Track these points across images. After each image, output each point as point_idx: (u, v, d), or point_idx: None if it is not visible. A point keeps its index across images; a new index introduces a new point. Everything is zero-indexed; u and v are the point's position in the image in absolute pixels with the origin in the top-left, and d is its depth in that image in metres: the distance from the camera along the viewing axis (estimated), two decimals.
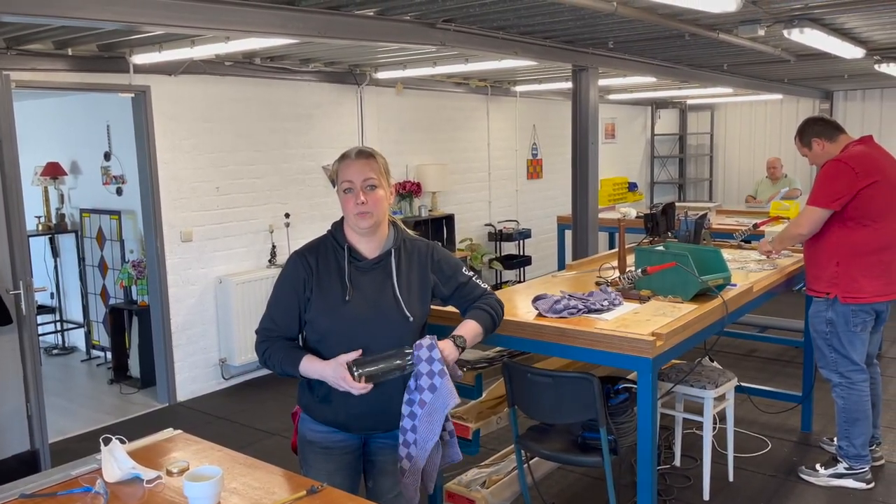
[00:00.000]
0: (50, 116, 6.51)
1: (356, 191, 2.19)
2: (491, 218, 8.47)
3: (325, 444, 2.28)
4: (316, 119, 6.35)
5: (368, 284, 2.25)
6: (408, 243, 2.36)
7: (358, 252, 2.28)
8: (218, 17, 3.31)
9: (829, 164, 3.69)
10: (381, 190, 2.23)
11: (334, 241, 2.31)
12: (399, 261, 2.30)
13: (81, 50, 4.72)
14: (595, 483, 3.88)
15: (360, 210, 2.19)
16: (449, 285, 2.39)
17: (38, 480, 1.90)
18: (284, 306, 2.27)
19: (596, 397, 2.77)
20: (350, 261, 2.26)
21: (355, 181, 2.20)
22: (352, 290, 2.22)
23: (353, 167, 2.21)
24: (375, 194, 2.21)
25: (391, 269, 2.28)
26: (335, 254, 2.28)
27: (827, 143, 3.79)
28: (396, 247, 2.31)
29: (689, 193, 12.10)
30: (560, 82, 7.78)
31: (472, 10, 3.98)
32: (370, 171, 2.21)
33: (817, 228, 3.69)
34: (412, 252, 2.35)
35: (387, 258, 2.29)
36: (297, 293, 2.25)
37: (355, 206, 2.20)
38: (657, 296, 3.21)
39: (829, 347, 3.75)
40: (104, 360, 6.40)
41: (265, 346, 2.25)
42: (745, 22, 4.46)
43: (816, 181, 3.75)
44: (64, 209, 6.55)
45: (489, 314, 2.38)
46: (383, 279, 2.27)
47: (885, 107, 10.19)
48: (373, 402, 2.17)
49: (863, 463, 3.77)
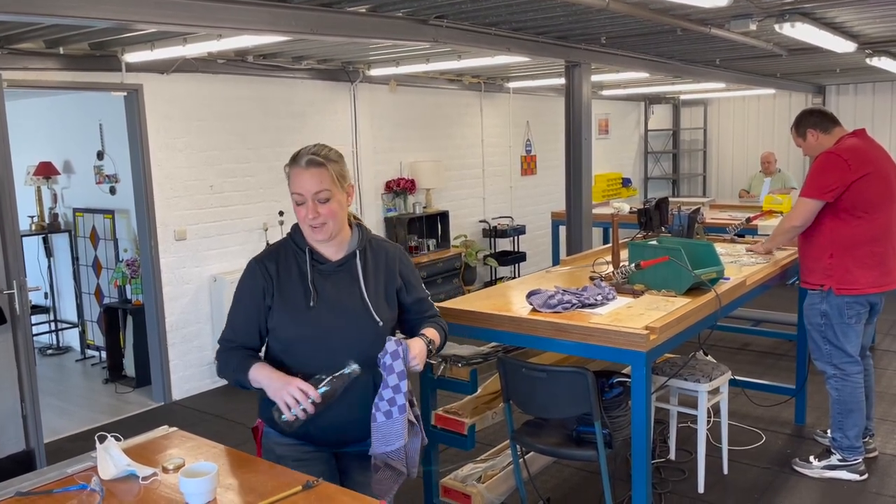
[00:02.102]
0: (42, 116, 6.49)
1: (307, 205, 2.08)
2: (485, 214, 8.48)
3: (297, 457, 2.15)
4: (309, 117, 6.34)
5: (333, 288, 2.15)
6: (374, 244, 2.26)
7: (320, 255, 2.18)
8: (209, 15, 3.30)
9: (822, 156, 3.71)
10: (336, 200, 2.11)
11: (294, 244, 2.19)
12: (365, 262, 2.20)
13: (73, 49, 4.70)
14: (590, 477, 3.90)
15: (313, 223, 2.10)
16: (412, 294, 2.30)
17: (34, 478, 1.91)
18: (243, 316, 2.17)
19: (590, 391, 2.78)
20: (312, 264, 2.16)
21: (306, 194, 2.08)
22: (315, 295, 2.12)
23: (303, 178, 2.08)
24: (329, 207, 2.09)
25: (357, 272, 2.18)
26: (296, 258, 2.17)
27: (822, 134, 3.81)
28: (361, 248, 2.21)
29: (683, 188, 12.12)
30: (553, 78, 7.78)
31: (465, 6, 3.98)
32: (321, 184, 2.08)
33: (811, 220, 3.70)
34: (378, 253, 2.25)
35: (351, 260, 2.19)
36: (255, 302, 2.15)
37: (306, 219, 2.10)
38: (651, 290, 3.23)
39: (824, 339, 3.77)
40: (99, 360, 6.39)
41: (222, 355, 2.17)
42: (736, 17, 4.47)
43: (809, 173, 3.77)
44: (57, 209, 6.53)
45: (442, 334, 2.32)
46: (349, 282, 2.17)
47: (876, 100, 10.23)
48: (341, 412, 2.10)
49: (856, 454, 3.79)
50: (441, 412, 3.18)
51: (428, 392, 3.18)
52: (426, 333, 2.22)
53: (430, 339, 2.20)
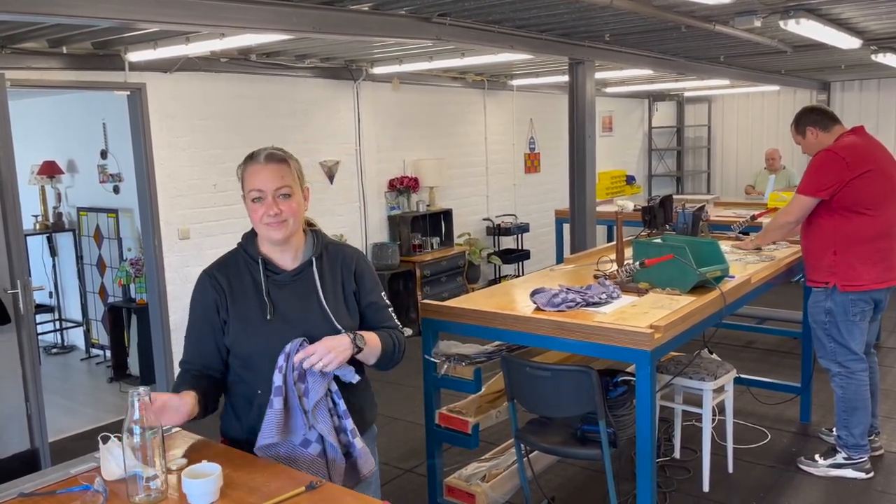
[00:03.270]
0: (46, 115, 6.50)
1: (267, 200, 2.00)
2: (489, 212, 8.47)
3: None
4: (312, 115, 6.33)
5: (289, 298, 2.05)
6: (330, 249, 2.15)
7: (274, 264, 2.08)
8: (212, 14, 3.30)
9: (821, 154, 3.71)
10: (295, 198, 2.03)
11: (246, 254, 2.10)
12: (322, 270, 2.09)
13: (76, 48, 4.70)
14: (595, 476, 3.89)
15: (272, 220, 2.00)
16: (364, 300, 2.15)
17: (37, 479, 1.90)
18: (198, 334, 2.07)
19: (595, 390, 2.77)
20: (266, 275, 2.06)
21: (266, 190, 2.00)
22: (272, 308, 2.02)
23: (263, 174, 2.01)
24: (290, 203, 2.02)
25: (314, 280, 2.07)
26: (248, 268, 2.07)
27: (821, 132, 3.80)
28: (318, 254, 2.10)
29: (687, 186, 12.09)
30: (557, 76, 7.77)
31: (467, 3, 3.97)
32: (283, 179, 2.01)
33: (804, 216, 3.73)
34: (335, 258, 2.14)
35: (307, 268, 2.08)
36: (209, 318, 2.05)
37: (266, 215, 2.00)
38: (655, 288, 3.22)
39: (829, 337, 3.75)
40: (103, 359, 6.40)
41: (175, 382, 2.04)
42: (740, 13, 4.46)
43: (807, 171, 3.78)
44: (61, 208, 6.54)
45: (392, 342, 2.12)
46: (306, 291, 2.06)
47: (882, 97, 10.18)
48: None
49: (862, 452, 3.78)
50: (445, 411, 3.18)
51: (431, 391, 3.18)
52: (361, 332, 2.05)
53: (358, 335, 2.00)
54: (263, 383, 1.98)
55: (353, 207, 6.82)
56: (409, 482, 3.88)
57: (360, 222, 6.91)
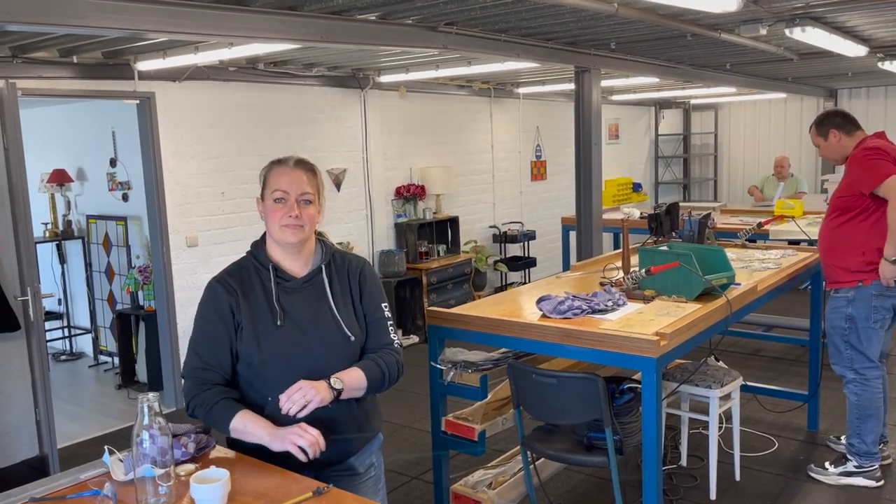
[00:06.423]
0: (56, 124, 6.55)
1: (290, 203, 2.02)
2: (495, 220, 8.48)
3: None
4: (320, 123, 6.37)
5: (300, 305, 2.06)
6: (338, 258, 2.17)
7: (284, 271, 2.09)
8: (221, 24, 3.33)
9: (860, 151, 3.65)
10: (315, 207, 2.07)
11: (256, 261, 2.10)
12: (331, 277, 2.12)
13: (86, 57, 4.75)
14: (601, 483, 3.88)
15: (290, 222, 2.01)
16: (365, 306, 2.15)
17: (47, 484, 1.92)
18: (210, 339, 2.03)
19: (601, 397, 2.77)
20: (277, 282, 2.06)
21: (291, 192, 2.03)
22: (282, 314, 2.02)
23: (290, 176, 2.05)
24: (309, 210, 2.05)
25: (324, 287, 2.09)
26: (259, 276, 2.07)
27: (844, 136, 3.79)
28: (327, 262, 2.12)
29: (694, 193, 12.09)
30: (563, 83, 7.79)
31: (474, 12, 4.00)
32: (309, 186, 2.05)
33: None
34: (343, 267, 2.16)
35: (318, 275, 2.10)
36: (224, 321, 2.03)
37: (285, 217, 2.01)
38: (661, 296, 3.22)
39: (846, 344, 3.74)
40: (112, 366, 6.43)
41: (193, 393, 2.01)
42: (746, 21, 4.47)
43: (857, 170, 3.64)
44: (70, 215, 6.59)
45: (380, 369, 2.08)
46: (317, 298, 2.08)
47: (889, 104, 10.17)
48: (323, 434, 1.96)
49: (873, 461, 3.76)
50: (451, 418, 3.19)
51: (438, 398, 3.19)
52: (343, 374, 2.00)
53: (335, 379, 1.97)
54: (274, 391, 1.97)
55: (359, 215, 6.85)
56: (415, 489, 3.88)
57: (367, 230, 6.93)
